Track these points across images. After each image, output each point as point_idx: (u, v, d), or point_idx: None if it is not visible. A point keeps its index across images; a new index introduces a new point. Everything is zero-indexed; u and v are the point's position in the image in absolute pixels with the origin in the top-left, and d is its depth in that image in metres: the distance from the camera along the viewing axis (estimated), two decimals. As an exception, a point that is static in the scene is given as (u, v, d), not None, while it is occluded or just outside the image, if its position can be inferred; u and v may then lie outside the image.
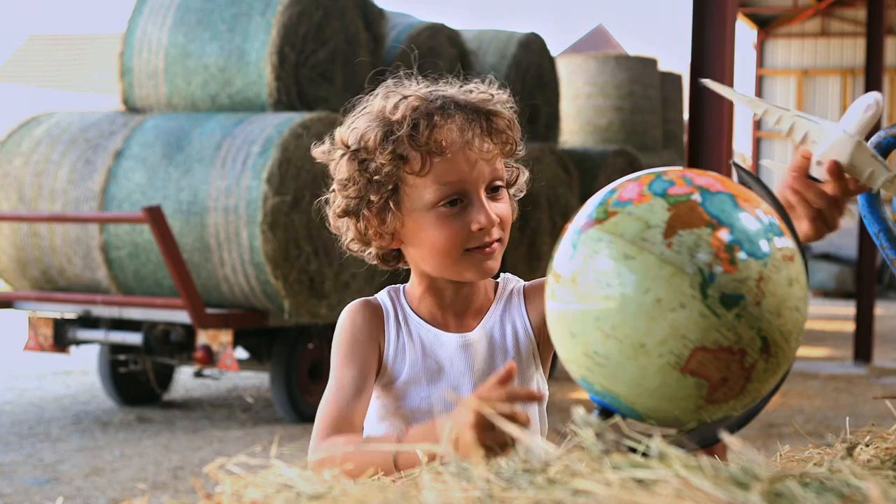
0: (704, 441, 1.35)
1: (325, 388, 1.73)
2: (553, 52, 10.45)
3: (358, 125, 1.71)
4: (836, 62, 21.49)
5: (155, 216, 6.32)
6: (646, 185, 1.28)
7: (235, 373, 8.42)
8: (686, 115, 5.29)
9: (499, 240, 1.70)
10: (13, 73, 28.43)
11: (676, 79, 13.47)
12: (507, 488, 0.95)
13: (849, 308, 14.72)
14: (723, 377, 1.22)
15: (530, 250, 9.01)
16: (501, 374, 1.31)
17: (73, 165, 7.44)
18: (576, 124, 12.07)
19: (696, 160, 4.57)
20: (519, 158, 1.84)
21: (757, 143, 22.01)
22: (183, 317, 6.77)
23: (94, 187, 7.30)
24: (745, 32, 22.30)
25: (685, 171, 1.31)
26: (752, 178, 1.43)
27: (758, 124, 21.96)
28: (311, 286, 7.08)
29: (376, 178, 1.67)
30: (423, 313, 1.78)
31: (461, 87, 1.75)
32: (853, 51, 20.93)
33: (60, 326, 7.30)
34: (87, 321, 7.30)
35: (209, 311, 6.74)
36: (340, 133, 1.74)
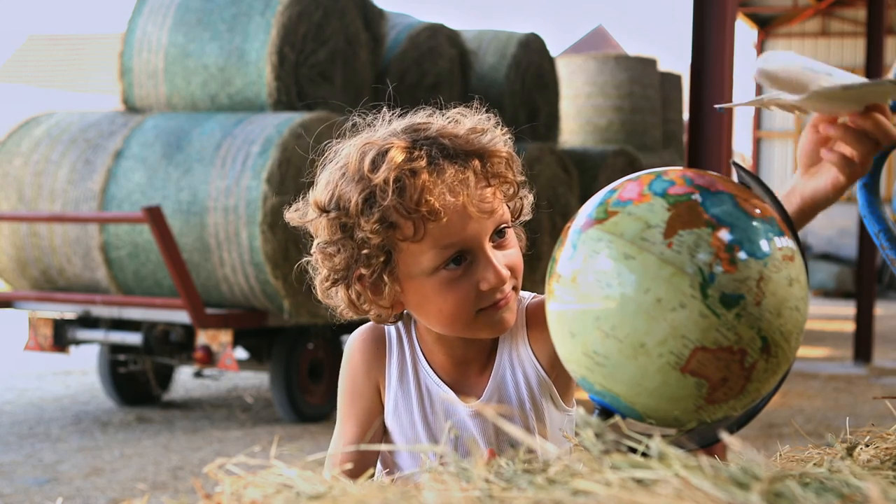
0: (704, 441, 1.35)
1: (324, 387, 1.71)
2: (553, 53, 10.45)
3: (333, 184, 1.50)
4: (836, 62, 21.48)
5: (155, 216, 6.32)
6: (646, 184, 1.28)
7: (235, 373, 8.42)
8: (686, 115, 5.29)
9: (513, 288, 1.55)
10: (13, 73, 28.43)
11: (676, 79, 13.48)
12: (506, 488, 0.95)
13: (849, 308, 14.73)
14: (723, 377, 1.22)
15: (530, 250, 9.01)
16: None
17: (73, 165, 7.44)
18: (576, 124, 12.07)
19: (696, 160, 4.57)
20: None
21: (757, 143, 22.02)
22: (183, 317, 6.77)
23: (94, 187, 7.30)
24: (745, 32, 22.31)
25: (685, 170, 1.31)
26: (753, 178, 1.43)
27: (758, 124, 21.97)
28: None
29: (365, 250, 1.47)
30: (431, 359, 1.62)
31: (447, 119, 1.55)
32: (853, 51, 20.94)
33: (60, 326, 7.30)
34: (87, 321, 7.30)
35: (209, 311, 6.74)
36: (315, 196, 1.52)
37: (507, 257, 1.54)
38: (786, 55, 1.34)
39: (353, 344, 1.65)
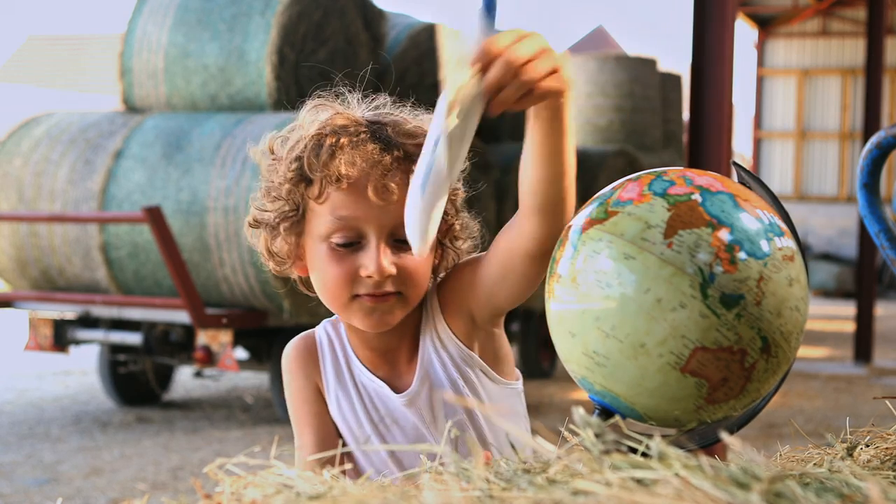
0: (704, 441, 1.35)
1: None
2: (553, 53, 10.44)
3: (287, 134, 1.58)
4: (836, 62, 21.49)
5: (154, 216, 6.32)
6: (646, 184, 1.28)
7: (235, 373, 8.42)
8: (686, 115, 5.29)
9: (398, 293, 1.53)
10: (13, 73, 28.43)
11: (676, 79, 13.47)
12: (506, 488, 0.95)
13: (849, 308, 14.72)
14: (723, 377, 1.22)
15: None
16: None
17: (73, 165, 7.44)
18: (575, 124, 12.05)
19: (696, 160, 4.57)
20: (473, 197, 1.64)
21: (757, 143, 22.02)
22: (183, 317, 6.77)
23: (94, 187, 7.30)
24: (745, 32, 22.31)
25: (685, 170, 1.31)
26: (753, 178, 1.43)
27: (758, 124, 21.97)
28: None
29: (281, 194, 1.54)
30: (361, 354, 1.64)
31: (410, 114, 1.59)
32: (853, 51, 20.93)
33: (60, 326, 7.30)
34: (87, 321, 7.30)
35: (209, 311, 6.74)
36: (270, 139, 1.60)
37: (402, 261, 1.53)
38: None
39: (286, 357, 1.68)
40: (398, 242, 1.52)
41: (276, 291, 6.81)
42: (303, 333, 1.69)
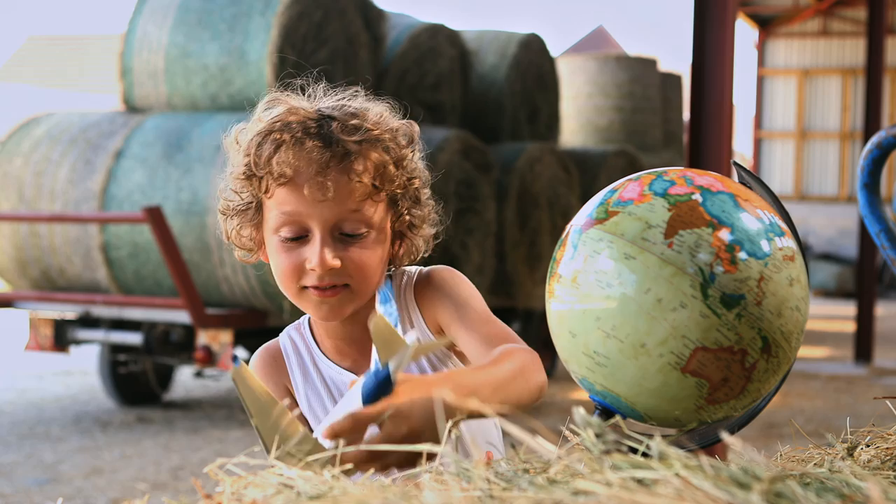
0: (705, 441, 1.35)
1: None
2: (553, 53, 10.45)
3: (248, 126, 1.62)
4: (836, 62, 21.49)
5: (155, 216, 6.32)
6: (646, 184, 1.28)
7: (236, 373, 8.40)
8: (686, 115, 5.29)
9: (346, 286, 1.56)
10: (13, 73, 28.43)
11: (676, 79, 13.48)
12: (507, 488, 0.95)
13: (849, 308, 14.72)
14: (723, 377, 1.22)
15: (530, 250, 9.01)
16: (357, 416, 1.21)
17: (73, 165, 7.44)
18: (576, 124, 12.07)
19: (696, 160, 4.57)
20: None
21: (758, 143, 22.02)
22: (183, 317, 6.77)
23: (94, 187, 7.30)
24: (745, 32, 22.32)
25: (686, 170, 1.31)
26: (753, 178, 1.43)
27: (758, 124, 21.97)
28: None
29: (236, 185, 1.59)
30: (328, 349, 1.68)
31: (365, 107, 1.60)
32: (854, 50, 20.93)
33: (60, 326, 7.30)
34: (87, 321, 7.30)
35: (209, 311, 6.74)
36: (237, 130, 1.64)
37: (348, 254, 1.55)
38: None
39: (252, 365, 1.72)
40: (343, 236, 1.55)
41: (277, 291, 6.82)
42: (265, 345, 1.73)
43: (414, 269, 1.69)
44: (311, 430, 1.66)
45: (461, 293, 1.63)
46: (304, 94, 1.63)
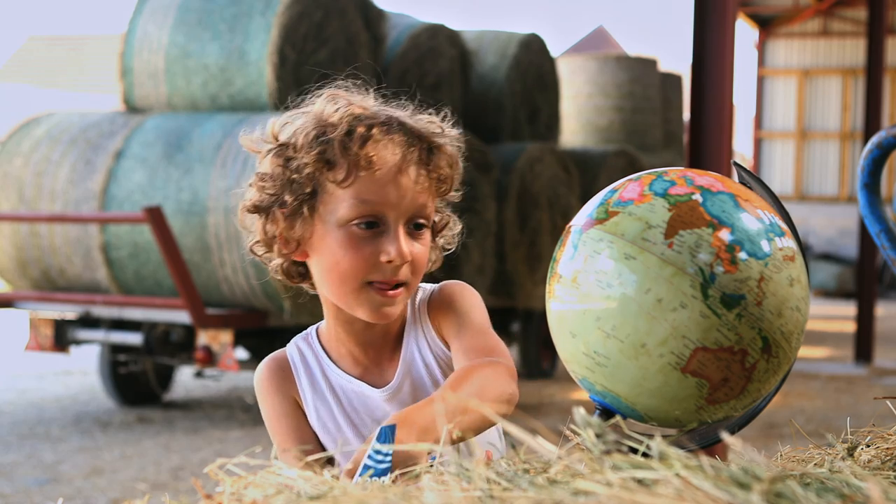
0: (705, 441, 1.35)
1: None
2: (554, 53, 10.45)
3: (293, 121, 1.59)
4: (836, 62, 21.49)
5: (155, 216, 6.32)
6: (647, 185, 1.28)
7: (235, 373, 8.42)
8: (687, 115, 5.29)
9: (405, 284, 1.56)
10: (13, 73, 28.44)
11: (677, 79, 13.48)
12: (507, 488, 0.95)
13: (849, 308, 14.72)
14: (723, 377, 1.22)
15: (530, 250, 9.01)
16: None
17: (74, 165, 7.44)
18: (576, 124, 12.07)
19: (696, 160, 4.57)
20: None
21: (758, 143, 22.02)
22: (183, 317, 6.77)
23: (95, 187, 7.30)
24: (745, 32, 22.32)
25: (686, 171, 1.31)
26: (753, 178, 1.43)
27: (758, 124, 21.98)
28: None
29: (296, 176, 1.54)
30: (339, 357, 1.66)
31: (412, 113, 1.63)
32: (854, 51, 20.93)
33: (60, 326, 7.30)
34: (88, 321, 7.30)
35: (209, 311, 6.74)
36: (273, 125, 1.60)
37: (414, 248, 1.56)
38: None
39: (259, 378, 1.69)
40: (413, 228, 1.57)
41: (277, 291, 6.82)
42: (272, 354, 1.70)
43: (430, 286, 1.70)
44: (320, 442, 1.66)
45: (463, 305, 1.64)
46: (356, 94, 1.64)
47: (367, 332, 1.64)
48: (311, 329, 1.71)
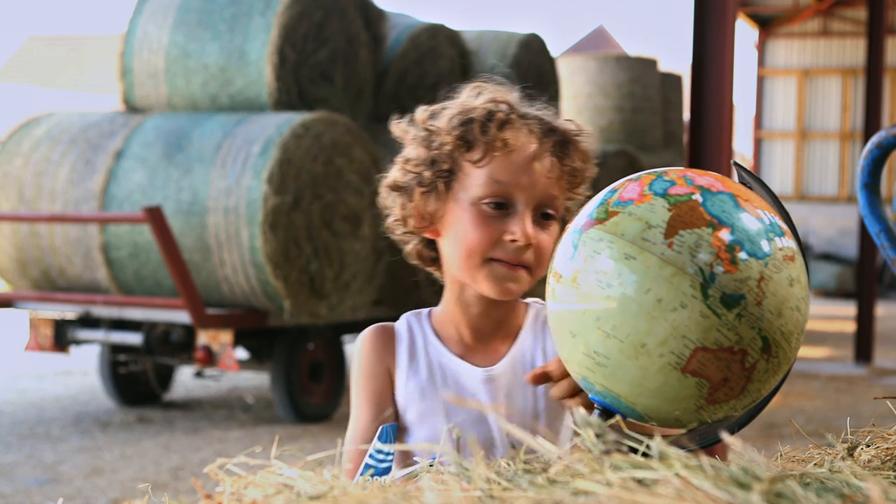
0: (705, 441, 1.35)
1: (325, 387, 1.73)
2: (553, 53, 10.45)
3: (439, 111, 1.70)
4: (836, 62, 21.49)
5: (155, 216, 6.32)
6: (646, 184, 1.28)
7: (235, 373, 8.42)
8: (686, 115, 5.29)
9: (528, 267, 1.63)
10: (14, 73, 28.44)
11: (677, 79, 13.48)
12: (507, 488, 0.95)
13: (849, 308, 14.72)
14: (724, 377, 1.22)
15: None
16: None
17: (74, 165, 7.44)
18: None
19: (696, 160, 4.56)
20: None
21: (758, 143, 22.02)
22: (183, 317, 6.77)
23: (95, 187, 7.30)
24: (745, 32, 22.31)
25: (686, 170, 1.31)
26: (753, 178, 1.43)
27: (758, 124, 21.98)
28: (311, 286, 7.08)
29: (435, 153, 1.65)
30: (447, 337, 1.72)
31: (553, 113, 1.73)
32: (854, 51, 20.92)
33: (60, 326, 7.30)
34: (88, 321, 7.30)
35: (209, 311, 6.74)
36: (420, 113, 1.71)
37: (540, 236, 1.63)
38: None
39: (362, 338, 1.75)
40: (541, 217, 1.63)
41: (277, 291, 6.82)
42: (381, 323, 1.78)
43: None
44: (396, 412, 1.72)
45: None
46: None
47: (483, 319, 1.70)
48: (425, 310, 1.78)
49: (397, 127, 1.73)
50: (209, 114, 7.49)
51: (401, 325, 1.75)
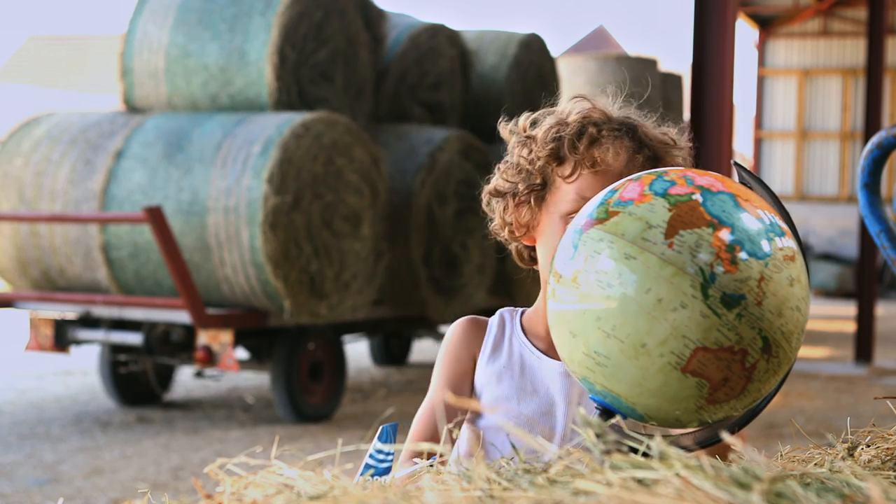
0: (705, 441, 1.35)
1: (325, 387, 1.74)
2: (554, 53, 10.45)
3: (542, 118, 1.75)
4: (837, 62, 21.48)
5: (155, 216, 6.32)
6: (647, 185, 1.28)
7: (235, 373, 8.42)
8: (687, 116, 5.29)
9: None
10: (14, 73, 28.44)
11: (677, 79, 13.47)
12: (508, 488, 0.95)
13: (849, 308, 14.72)
14: (724, 377, 1.22)
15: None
16: None
17: (74, 165, 7.44)
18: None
19: (696, 160, 4.56)
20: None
21: (758, 143, 22.02)
22: (183, 317, 6.77)
23: (95, 187, 7.30)
24: (745, 32, 22.31)
25: (686, 171, 1.31)
26: (753, 178, 1.43)
27: (759, 124, 21.98)
28: (311, 286, 7.07)
29: (529, 167, 1.70)
30: (534, 333, 1.79)
31: (654, 122, 1.76)
32: (854, 51, 20.92)
33: (61, 326, 7.30)
34: (88, 321, 7.30)
35: (209, 311, 6.74)
36: (524, 120, 1.77)
37: None
38: None
39: (455, 325, 1.83)
40: None
41: (277, 291, 6.82)
42: (474, 315, 1.85)
43: None
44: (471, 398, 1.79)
45: None
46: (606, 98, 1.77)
47: None
48: (520, 308, 1.86)
49: (504, 129, 1.80)
50: (209, 114, 7.49)
51: (494, 318, 1.83)
